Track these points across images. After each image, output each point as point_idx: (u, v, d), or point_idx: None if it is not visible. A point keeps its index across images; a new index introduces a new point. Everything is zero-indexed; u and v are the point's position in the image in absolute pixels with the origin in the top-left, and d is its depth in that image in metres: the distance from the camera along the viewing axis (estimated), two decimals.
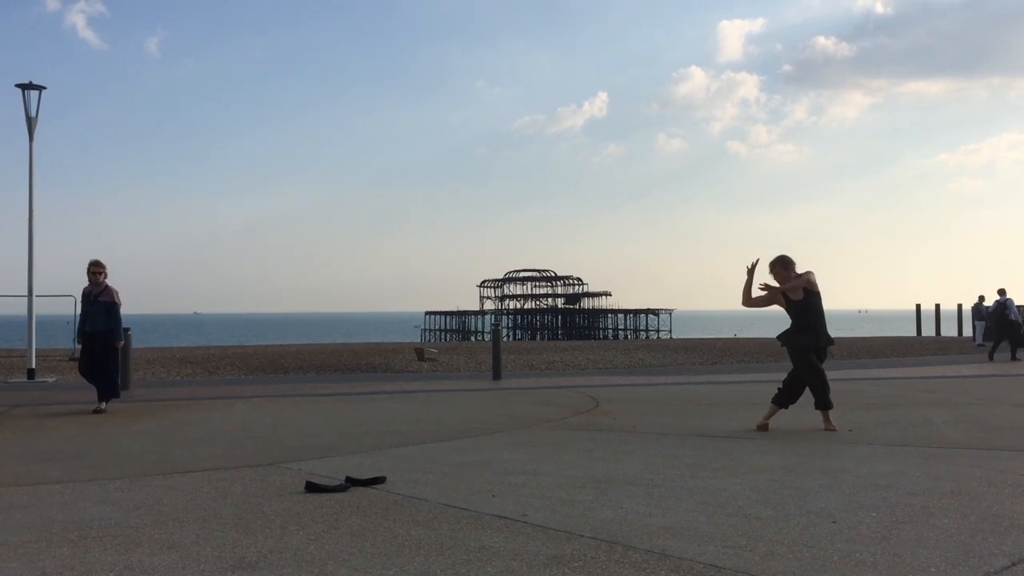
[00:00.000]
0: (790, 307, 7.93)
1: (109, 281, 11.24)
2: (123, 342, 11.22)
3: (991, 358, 20.42)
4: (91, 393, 11.09)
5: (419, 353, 22.58)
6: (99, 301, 10.99)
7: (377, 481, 5.47)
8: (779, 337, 8.15)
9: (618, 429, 8.17)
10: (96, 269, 11.01)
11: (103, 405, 10.94)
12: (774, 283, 7.93)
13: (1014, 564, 3.47)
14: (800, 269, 7.98)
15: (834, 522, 4.24)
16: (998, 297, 22.31)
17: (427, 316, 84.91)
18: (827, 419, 7.82)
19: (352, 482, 5.40)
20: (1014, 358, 20.40)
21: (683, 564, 3.52)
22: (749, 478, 5.46)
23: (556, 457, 6.44)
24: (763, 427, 7.85)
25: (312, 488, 5.25)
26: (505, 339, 72.97)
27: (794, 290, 7.86)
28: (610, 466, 6.00)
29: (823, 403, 7.83)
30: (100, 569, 3.58)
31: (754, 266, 7.92)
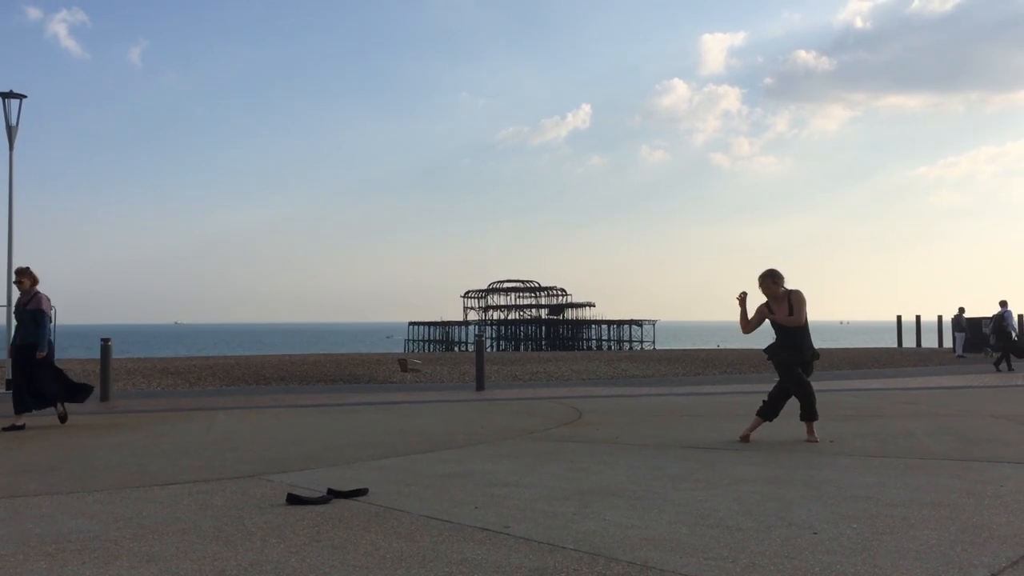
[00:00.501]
0: (776, 323, 7.98)
1: (41, 288, 10.62)
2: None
3: (997, 368, 20.62)
4: (70, 404, 10.95)
5: (402, 364, 22.52)
6: (27, 310, 10.43)
7: (359, 493, 5.44)
8: (766, 350, 8.20)
9: (601, 440, 8.17)
10: (20, 277, 10.44)
11: (62, 407, 10.53)
12: (763, 297, 7.97)
13: (994, 575, 3.49)
14: (787, 283, 8.02)
15: (815, 533, 4.25)
16: (999, 309, 22.62)
17: (411, 327, 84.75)
18: (811, 431, 7.86)
19: (334, 494, 5.37)
20: (999, 369, 20.58)
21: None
22: (731, 490, 5.47)
23: (539, 468, 6.44)
24: (746, 439, 7.88)
25: (294, 500, 5.22)
26: (489, 350, 72.87)
27: (780, 310, 7.90)
28: (593, 478, 6.00)
29: (809, 414, 7.88)
30: None
31: (744, 297, 7.94)
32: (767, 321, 8.07)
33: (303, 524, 4.63)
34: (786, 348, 7.94)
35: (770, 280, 7.94)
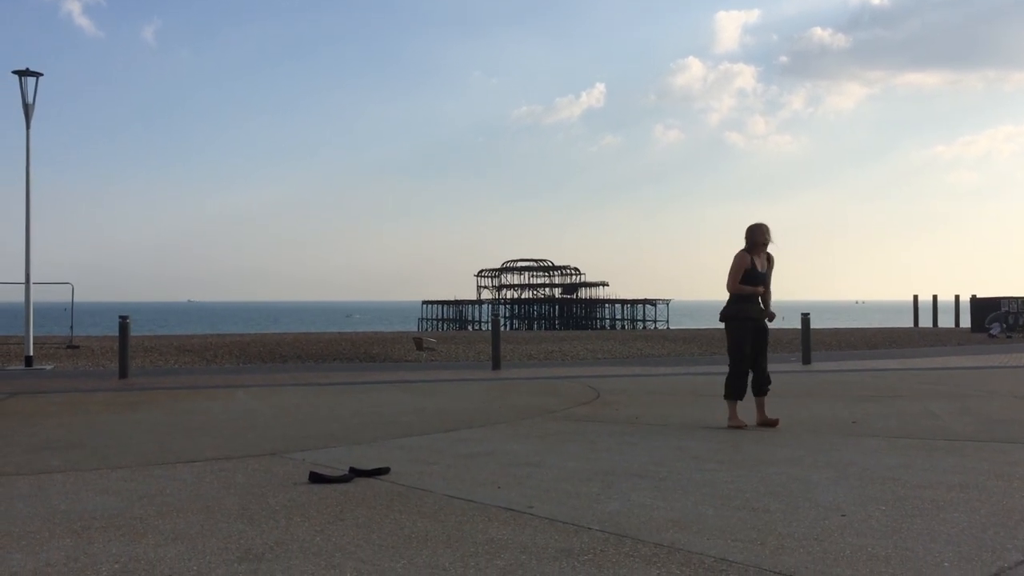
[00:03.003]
0: (752, 273, 7.61)
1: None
2: None
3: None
4: (91, 381, 11.02)
5: (418, 343, 22.52)
6: None
7: (381, 472, 5.43)
8: (721, 314, 7.83)
9: (621, 420, 8.14)
10: None
11: None
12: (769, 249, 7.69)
13: None
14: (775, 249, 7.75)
15: (843, 515, 4.21)
16: None
17: (424, 305, 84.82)
18: (733, 413, 7.55)
19: (356, 473, 5.36)
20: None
21: (693, 558, 3.49)
22: (756, 471, 5.43)
23: (560, 449, 6.41)
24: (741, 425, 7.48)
25: (316, 479, 5.21)
26: (502, 329, 72.73)
27: (762, 263, 7.65)
28: (615, 458, 5.97)
29: (729, 394, 7.60)
30: (105, 560, 3.54)
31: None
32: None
33: (326, 503, 4.62)
34: (745, 300, 7.58)
35: (770, 232, 7.64)
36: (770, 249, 7.73)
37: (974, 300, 36.40)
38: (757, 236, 7.61)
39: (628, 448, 6.40)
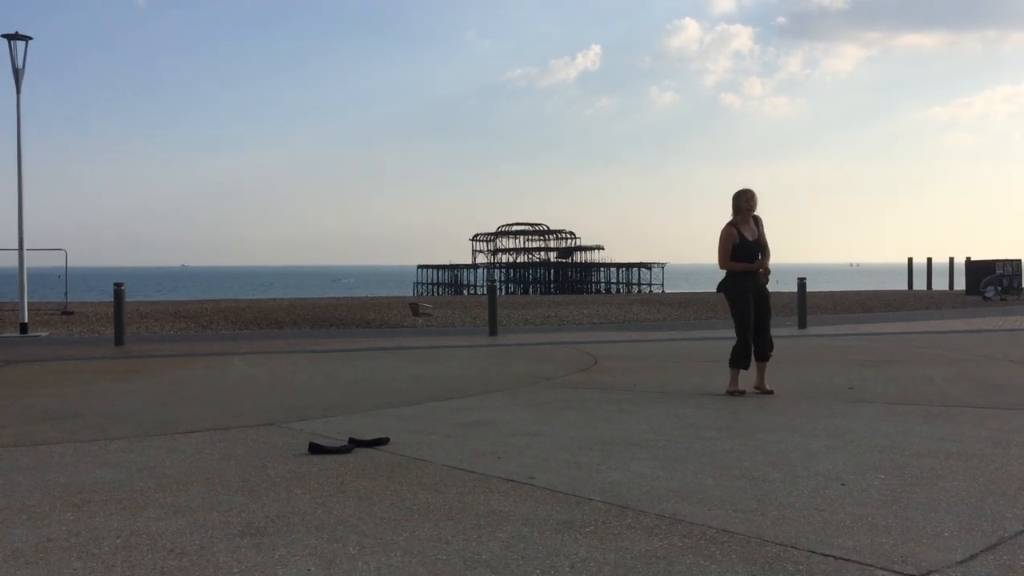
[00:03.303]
0: (742, 245, 7.46)
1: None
2: None
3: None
4: (87, 348, 11.00)
5: (414, 308, 22.55)
6: None
7: (380, 442, 5.43)
8: (719, 287, 7.74)
9: (619, 388, 8.15)
10: None
11: None
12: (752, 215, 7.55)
13: None
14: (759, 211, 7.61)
15: (843, 484, 4.22)
16: None
17: (419, 270, 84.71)
18: (735, 380, 7.53)
19: (355, 443, 5.36)
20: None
21: (695, 529, 3.50)
22: (754, 439, 5.44)
23: (559, 417, 6.41)
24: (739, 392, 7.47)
25: (315, 449, 5.21)
26: (498, 294, 72.63)
27: (750, 231, 7.51)
28: (614, 426, 5.97)
29: (733, 362, 7.55)
30: (106, 535, 3.54)
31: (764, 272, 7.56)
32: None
33: (327, 474, 4.62)
34: (740, 273, 7.47)
35: (754, 196, 7.54)
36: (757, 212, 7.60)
37: (969, 263, 36.45)
38: (741, 202, 7.51)
39: (627, 416, 6.40)
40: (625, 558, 3.16)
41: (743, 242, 7.46)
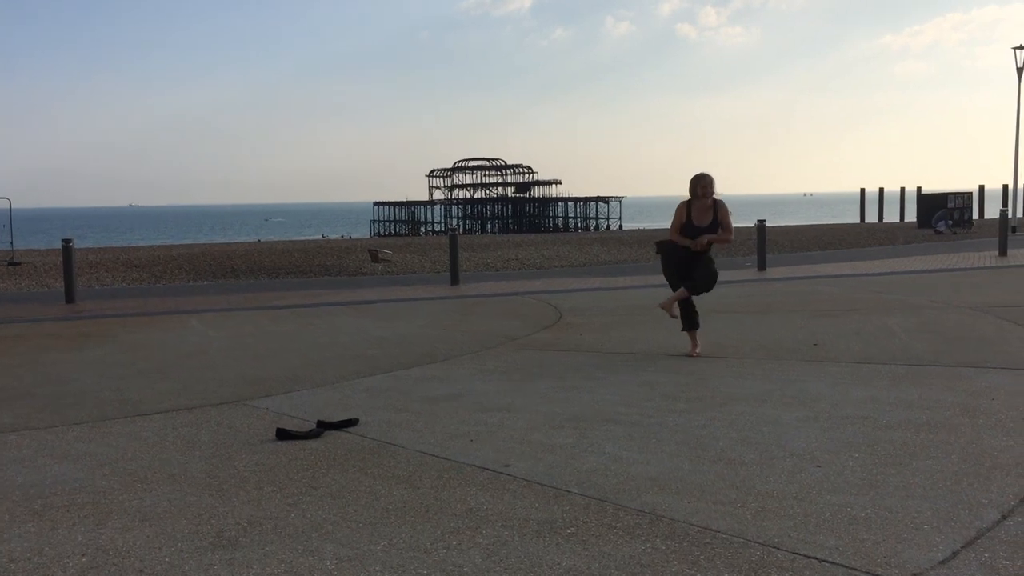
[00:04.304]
0: (688, 228, 7.47)
1: None
2: None
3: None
4: (36, 307, 10.67)
5: (373, 255, 22.30)
6: None
7: (349, 424, 5.33)
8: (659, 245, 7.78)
9: (586, 349, 8.11)
10: None
11: None
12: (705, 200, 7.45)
13: (1004, 518, 3.47)
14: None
15: (819, 466, 4.22)
16: None
17: (375, 207, 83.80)
18: (694, 342, 7.69)
19: (324, 426, 5.25)
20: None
21: (677, 528, 3.46)
22: (725, 411, 5.42)
23: (528, 388, 6.35)
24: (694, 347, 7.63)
25: (283, 435, 5.09)
26: (456, 230, 71.99)
27: (703, 218, 7.46)
28: (584, 398, 5.93)
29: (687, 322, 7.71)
30: (71, 552, 3.41)
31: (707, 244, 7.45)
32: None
33: (297, 466, 4.51)
34: (679, 246, 7.52)
35: (712, 183, 7.50)
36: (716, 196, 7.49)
37: (921, 196, 36.95)
38: (695, 188, 7.48)
39: (597, 385, 6.36)
40: (608, 568, 3.11)
41: (688, 224, 7.48)
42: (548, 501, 3.84)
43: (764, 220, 17.99)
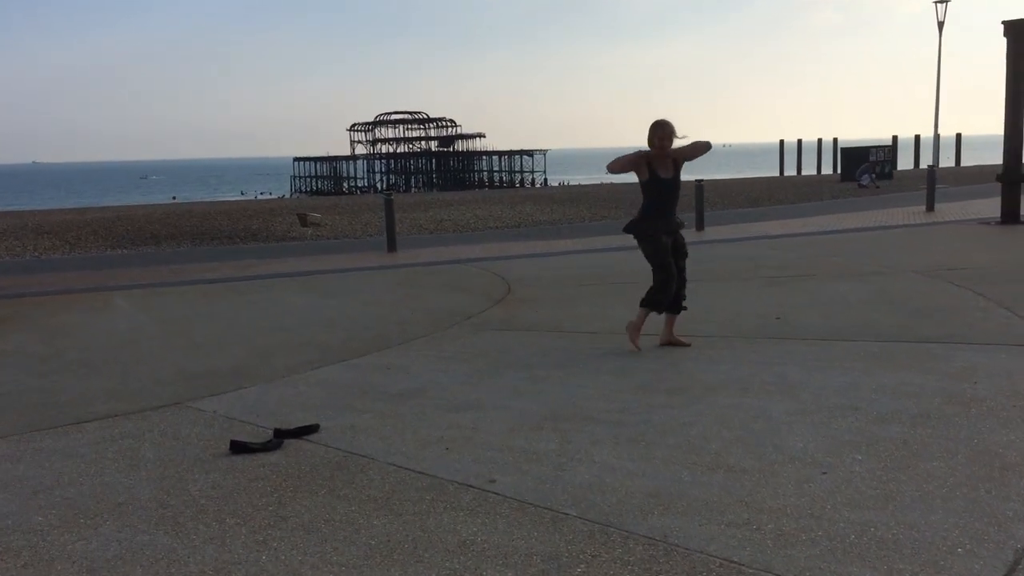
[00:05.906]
0: (654, 183, 6.60)
1: None
2: None
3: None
4: None
5: (302, 219, 21.54)
6: None
7: (309, 431, 4.90)
8: (627, 228, 6.87)
9: (545, 328, 7.79)
10: None
11: None
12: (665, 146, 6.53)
13: None
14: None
15: (824, 473, 3.99)
16: None
17: (296, 163, 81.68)
18: (671, 328, 6.85)
19: (282, 435, 4.82)
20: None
21: (696, 562, 3.17)
22: (709, 404, 5.16)
23: (495, 380, 5.99)
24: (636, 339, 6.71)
25: (238, 448, 4.64)
26: (378, 186, 71.07)
27: (664, 168, 6.57)
28: (557, 391, 5.60)
29: (651, 302, 6.72)
30: None
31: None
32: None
33: (259, 489, 4.08)
34: (653, 216, 6.66)
35: (673, 131, 6.56)
36: (676, 143, 6.58)
37: (844, 150, 37.54)
38: (653, 138, 6.55)
39: (567, 375, 6.03)
40: None
41: (653, 178, 6.56)
42: (547, 528, 3.51)
43: (701, 180, 17.90)
